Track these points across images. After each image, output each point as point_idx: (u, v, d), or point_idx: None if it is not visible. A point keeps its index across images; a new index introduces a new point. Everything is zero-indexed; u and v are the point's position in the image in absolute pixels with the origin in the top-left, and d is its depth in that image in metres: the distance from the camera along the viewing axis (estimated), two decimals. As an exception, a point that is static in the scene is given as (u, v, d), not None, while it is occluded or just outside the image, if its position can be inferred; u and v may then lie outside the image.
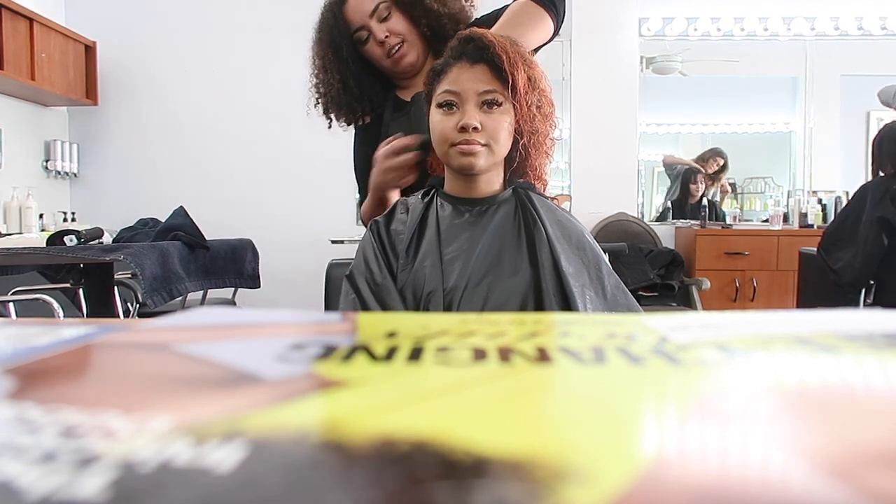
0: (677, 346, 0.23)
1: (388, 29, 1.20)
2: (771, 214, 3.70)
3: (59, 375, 0.21)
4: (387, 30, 1.20)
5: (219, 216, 3.52)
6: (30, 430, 0.14)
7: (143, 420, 0.15)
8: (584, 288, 0.92)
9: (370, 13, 1.20)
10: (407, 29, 1.21)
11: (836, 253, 2.39)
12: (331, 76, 1.25)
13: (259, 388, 0.18)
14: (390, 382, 0.19)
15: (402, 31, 1.21)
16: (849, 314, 0.29)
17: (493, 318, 0.29)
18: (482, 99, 0.92)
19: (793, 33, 3.78)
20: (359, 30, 1.21)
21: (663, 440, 0.13)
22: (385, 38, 1.20)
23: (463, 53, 0.94)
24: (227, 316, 0.30)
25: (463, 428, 0.14)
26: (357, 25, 1.21)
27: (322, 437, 0.13)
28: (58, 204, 3.68)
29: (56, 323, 0.32)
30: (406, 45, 1.21)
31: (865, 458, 0.13)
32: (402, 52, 1.21)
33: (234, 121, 3.77)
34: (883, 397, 0.17)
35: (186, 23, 3.77)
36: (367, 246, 0.97)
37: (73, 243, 1.98)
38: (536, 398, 0.17)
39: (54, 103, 3.61)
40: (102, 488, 0.11)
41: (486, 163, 0.93)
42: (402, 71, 1.25)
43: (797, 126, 3.93)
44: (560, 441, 0.13)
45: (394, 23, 1.20)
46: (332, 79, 1.25)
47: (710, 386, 0.18)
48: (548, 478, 0.11)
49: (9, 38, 2.99)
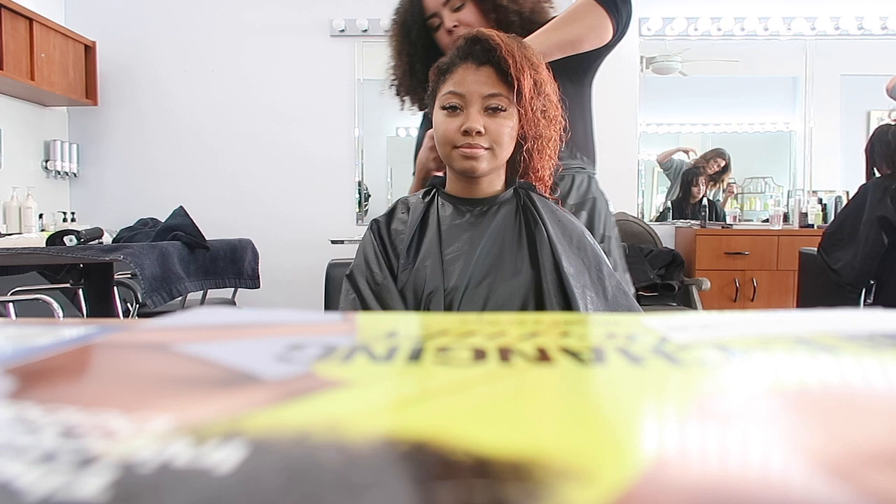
0: (677, 346, 0.23)
1: (458, 19, 1.22)
2: (771, 214, 3.70)
3: (59, 375, 0.21)
4: (457, 19, 1.22)
5: (219, 216, 3.52)
6: (30, 430, 0.14)
7: (143, 420, 0.15)
8: (584, 289, 0.92)
9: (444, 1, 1.23)
10: (476, 20, 1.23)
11: (835, 253, 2.39)
12: (401, 60, 1.30)
13: (259, 388, 0.18)
14: (390, 382, 0.19)
15: (472, 21, 1.23)
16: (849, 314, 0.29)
17: (493, 318, 0.29)
18: (486, 103, 0.91)
19: (793, 33, 3.78)
20: (432, 16, 1.25)
21: (663, 440, 0.13)
22: (454, 27, 1.22)
23: (469, 54, 0.93)
24: (227, 316, 0.30)
25: (463, 428, 0.14)
26: (431, 12, 1.25)
27: (322, 437, 0.13)
28: (57, 204, 3.68)
29: (56, 323, 0.32)
30: None
31: (865, 458, 0.13)
32: None
33: (234, 121, 3.77)
34: (883, 397, 0.17)
35: (186, 23, 3.77)
36: (368, 245, 0.97)
37: (73, 243, 1.98)
38: (536, 398, 0.17)
39: (54, 103, 3.61)
40: (102, 488, 0.11)
41: (489, 167, 0.93)
42: None
43: (797, 126, 3.92)
44: (560, 441, 0.13)
45: (465, 13, 1.23)
46: (402, 62, 1.30)
47: (710, 386, 0.18)
48: (548, 478, 0.11)
49: (9, 38, 2.99)
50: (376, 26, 3.73)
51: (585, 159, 1.26)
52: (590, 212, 1.24)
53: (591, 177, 1.27)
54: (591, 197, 1.25)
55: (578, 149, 1.24)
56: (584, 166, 1.26)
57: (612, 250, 1.24)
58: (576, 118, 1.22)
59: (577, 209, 1.23)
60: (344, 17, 3.71)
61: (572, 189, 1.24)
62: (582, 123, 1.25)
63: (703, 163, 3.95)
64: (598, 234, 1.23)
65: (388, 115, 3.98)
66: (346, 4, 3.72)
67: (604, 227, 1.25)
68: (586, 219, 1.23)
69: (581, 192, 1.24)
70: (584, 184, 1.25)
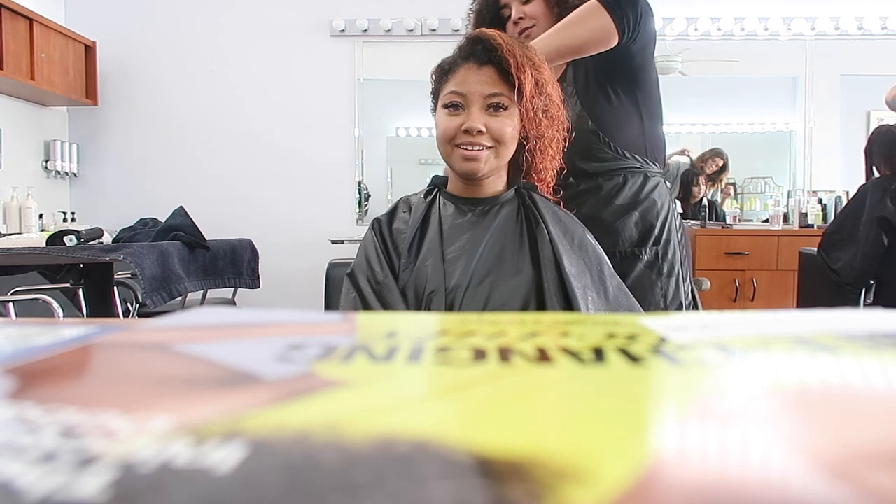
0: (677, 346, 0.23)
1: (525, 11, 1.23)
2: (771, 214, 3.70)
3: (59, 375, 0.21)
4: (523, 12, 1.23)
5: (219, 216, 3.52)
6: (30, 430, 0.14)
7: (143, 420, 0.15)
8: (585, 289, 0.92)
9: None
10: (542, 13, 1.23)
11: (835, 253, 2.39)
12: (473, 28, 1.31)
13: (259, 388, 0.18)
14: (390, 382, 0.19)
15: (537, 15, 1.23)
16: (849, 314, 0.29)
17: (493, 317, 0.29)
18: (488, 102, 0.92)
19: (793, 33, 3.77)
20: (504, 6, 1.27)
21: (663, 440, 0.13)
22: (519, 19, 1.23)
23: (471, 54, 0.93)
24: (227, 316, 0.30)
25: (463, 428, 0.14)
26: (504, 2, 1.27)
27: (322, 437, 0.13)
28: (58, 204, 3.68)
29: (56, 323, 0.32)
30: (536, 29, 1.23)
31: (865, 458, 0.13)
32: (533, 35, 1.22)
33: (234, 120, 3.77)
34: (883, 397, 0.17)
35: (186, 23, 3.77)
36: (369, 244, 0.97)
37: (73, 243, 1.98)
38: (536, 398, 0.17)
39: (54, 103, 3.61)
40: (102, 488, 0.11)
41: (490, 167, 0.93)
42: None
43: (797, 126, 3.92)
44: (560, 441, 0.13)
45: (532, 6, 1.23)
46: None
47: (710, 386, 0.18)
48: (548, 478, 0.11)
49: (9, 38, 2.99)
50: (376, 26, 3.73)
51: (639, 159, 1.22)
52: (643, 213, 1.19)
53: (648, 177, 1.22)
54: (645, 198, 1.20)
55: (631, 149, 1.21)
56: (639, 166, 1.22)
57: (667, 255, 1.19)
58: (627, 119, 1.21)
59: (626, 209, 1.19)
60: (344, 17, 3.71)
61: (623, 189, 1.20)
62: (636, 124, 1.22)
63: (701, 163, 3.95)
64: (652, 236, 1.18)
65: (388, 115, 3.98)
66: (346, 4, 3.72)
67: (659, 230, 1.19)
68: (638, 219, 1.19)
69: (632, 193, 1.20)
70: (636, 184, 1.21)
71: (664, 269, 1.19)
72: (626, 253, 1.18)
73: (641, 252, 1.18)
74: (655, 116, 1.26)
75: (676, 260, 1.21)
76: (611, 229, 1.19)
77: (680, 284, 1.21)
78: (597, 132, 1.20)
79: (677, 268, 1.21)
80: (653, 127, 1.25)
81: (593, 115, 1.21)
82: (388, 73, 3.88)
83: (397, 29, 3.74)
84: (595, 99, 1.21)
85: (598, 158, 1.21)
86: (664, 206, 1.22)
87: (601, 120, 1.20)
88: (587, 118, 1.20)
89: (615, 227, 1.19)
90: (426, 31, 3.74)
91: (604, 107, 1.21)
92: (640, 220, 1.19)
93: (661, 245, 1.19)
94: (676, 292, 1.20)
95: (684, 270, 1.23)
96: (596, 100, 1.21)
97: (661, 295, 1.18)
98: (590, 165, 1.21)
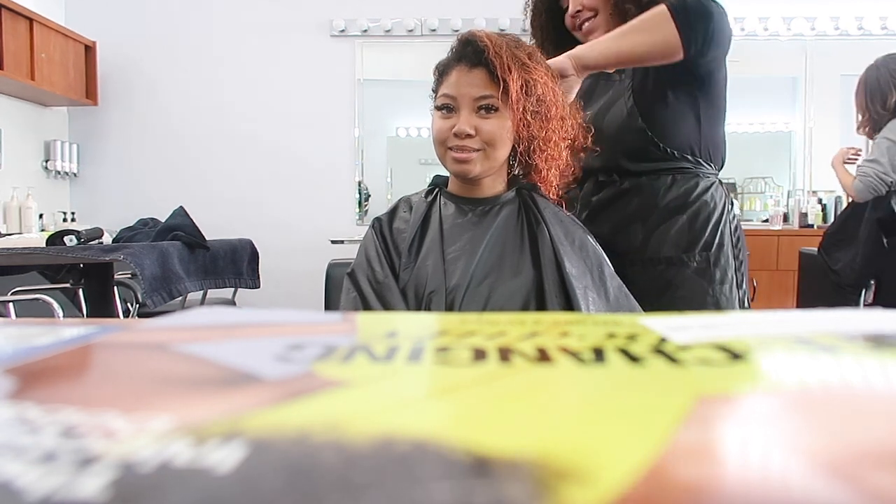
0: (677, 346, 0.23)
1: (583, 3, 1.19)
2: (771, 214, 3.70)
3: (59, 375, 0.21)
4: (581, 4, 1.19)
5: (219, 216, 3.52)
6: (30, 430, 0.14)
7: (143, 420, 0.15)
8: (586, 290, 0.92)
9: None
10: (602, 4, 1.19)
11: (836, 253, 2.39)
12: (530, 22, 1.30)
13: (259, 388, 0.18)
14: (390, 382, 0.19)
15: (596, 6, 1.19)
16: (849, 314, 0.29)
17: (493, 318, 0.29)
18: (478, 104, 0.91)
19: (793, 33, 3.78)
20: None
21: (663, 440, 0.13)
22: (577, 12, 1.20)
23: (463, 56, 0.93)
24: (227, 316, 0.30)
25: (463, 428, 0.14)
26: None
27: (322, 437, 0.13)
28: (58, 204, 3.68)
29: (56, 323, 0.32)
30: (596, 19, 1.20)
31: (865, 458, 0.13)
32: (591, 28, 1.20)
33: (234, 121, 3.77)
34: (883, 397, 0.17)
35: (186, 23, 3.77)
36: (370, 244, 0.97)
37: (73, 243, 1.98)
38: (536, 398, 0.17)
39: (54, 103, 3.61)
40: (102, 488, 0.11)
41: (482, 168, 0.93)
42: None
43: (797, 126, 3.92)
44: (560, 441, 0.13)
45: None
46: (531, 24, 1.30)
47: (710, 386, 0.18)
48: (548, 478, 0.11)
49: (9, 38, 2.99)
50: (376, 26, 3.73)
51: (691, 159, 1.15)
52: (691, 216, 1.12)
53: (700, 179, 1.15)
54: (696, 200, 1.13)
55: (683, 149, 1.14)
56: (690, 167, 1.15)
57: (719, 260, 1.11)
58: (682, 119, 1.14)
59: (673, 212, 1.12)
60: (344, 17, 3.71)
61: (671, 190, 1.13)
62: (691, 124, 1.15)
63: None
64: (702, 240, 1.11)
65: (388, 115, 3.98)
66: (346, 4, 3.72)
67: (710, 234, 1.12)
68: (685, 223, 1.12)
69: (680, 194, 1.13)
70: (686, 186, 1.14)
71: (716, 275, 1.11)
72: (672, 259, 1.11)
73: (690, 258, 1.11)
74: (716, 117, 1.19)
75: (730, 266, 1.13)
76: (655, 233, 1.12)
77: (734, 292, 1.13)
78: (645, 131, 1.13)
79: (731, 274, 1.13)
80: (711, 127, 1.18)
81: (646, 114, 1.13)
82: (388, 73, 3.88)
83: (397, 29, 3.74)
84: (651, 98, 1.14)
85: (646, 158, 1.14)
86: (717, 209, 1.14)
87: (653, 120, 1.13)
88: (637, 116, 1.13)
89: (660, 231, 1.12)
90: (426, 31, 3.74)
91: (659, 106, 1.14)
92: (687, 223, 1.12)
93: (712, 250, 1.11)
94: (730, 300, 1.12)
95: (739, 277, 1.15)
96: (652, 99, 1.14)
97: (712, 303, 1.11)
98: (636, 165, 1.14)
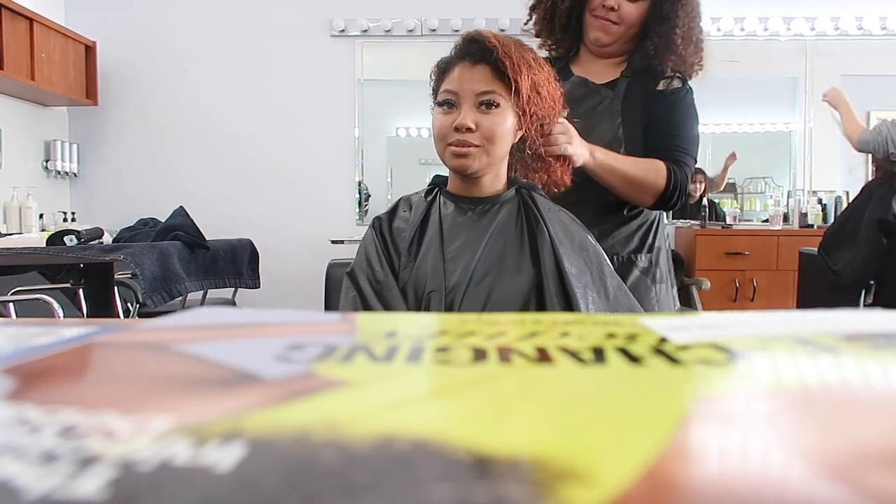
0: (677, 346, 0.23)
1: (622, 6, 1.18)
2: (771, 214, 3.70)
3: (59, 375, 0.21)
4: (618, 4, 1.18)
5: (219, 216, 3.52)
6: (29, 431, 0.14)
7: (143, 420, 0.15)
8: (586, 289, 0.92)
9: None
10: (635, 20, 1.20)
11: (836, 253, 2.39)
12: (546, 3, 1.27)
13: (259, 388, 0.18)
14: (390, 382, 0.19)
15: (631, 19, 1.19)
16: (849, 314, 0.29)
17: (492, 317, 0.29)
18: (480, 100, 0.92)
19: (793, 33, 3.77)
20: None
21: (663, 440, 0.13)
22: (611, 9, 1.19)
23: (466, 53, 0.94)
24: (227, 316, 0.30)
25: (463, 428, 0.14)
26: None
27: (322, 437, 0.13)
28: (58, 204, 3.68)
29: (56, 323, 0.32)
30: (618, 28, 1.20)
31: (865, 458, 0.13)
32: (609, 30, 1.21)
33: (234, 120, 3.77)
34: (883, 397, 0.17)
35: (186, 22, 3.77)
36: (370, 243, 0.97)
37: (73, 243, 1.98)
38: (536, 398, 0.17)
39: (54, 103, 3.61)
40: (102, 488, 0.11)
41: (481, 164, 0.93)
42: (600, 45, 1.23)
43: (797, 126, 3.92)
44: (560, 441, 0.13)
45: (633, 7, 1.19)
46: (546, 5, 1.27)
47: (710, 386, 0.18)
48: (548, 478, 0.11)
49: (9, 38, 2.99)
50: (376, 26, 3.73)
51: None
52: (641, 221, 1.23)
53: None
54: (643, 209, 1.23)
55: None
56: None
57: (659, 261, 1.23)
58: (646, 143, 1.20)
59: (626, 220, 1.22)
60: (344, 17, 3.71)
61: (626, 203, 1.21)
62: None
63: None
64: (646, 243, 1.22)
65: (388, 115, 3.98)
66: (346, 4, 3.72)
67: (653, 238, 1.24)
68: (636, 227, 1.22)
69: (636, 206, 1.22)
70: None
71: (657, 275, 1.22)
72: (623, 259, 1.21)
73: (638, 258, 1.22)
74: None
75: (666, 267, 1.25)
76: (610, 236, 1.20)
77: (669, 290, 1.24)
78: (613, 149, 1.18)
79: (667, 275, 1.24)
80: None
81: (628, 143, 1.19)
82: (388, 73, 3.87)
83: (397, 29, 3.74)
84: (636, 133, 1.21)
85: None
86: (657, 215, 1.26)
87: (628, 145, 1.19)
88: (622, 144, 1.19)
89: (616, 233, 1.21)
90: (426, 31, 3.74)
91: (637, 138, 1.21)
92: (638, 228, 1.23)
93: (654, 252, 1.23)
94: (667, 298, 1.23)
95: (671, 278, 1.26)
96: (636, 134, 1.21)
97: (654, 300, 1.21)
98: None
